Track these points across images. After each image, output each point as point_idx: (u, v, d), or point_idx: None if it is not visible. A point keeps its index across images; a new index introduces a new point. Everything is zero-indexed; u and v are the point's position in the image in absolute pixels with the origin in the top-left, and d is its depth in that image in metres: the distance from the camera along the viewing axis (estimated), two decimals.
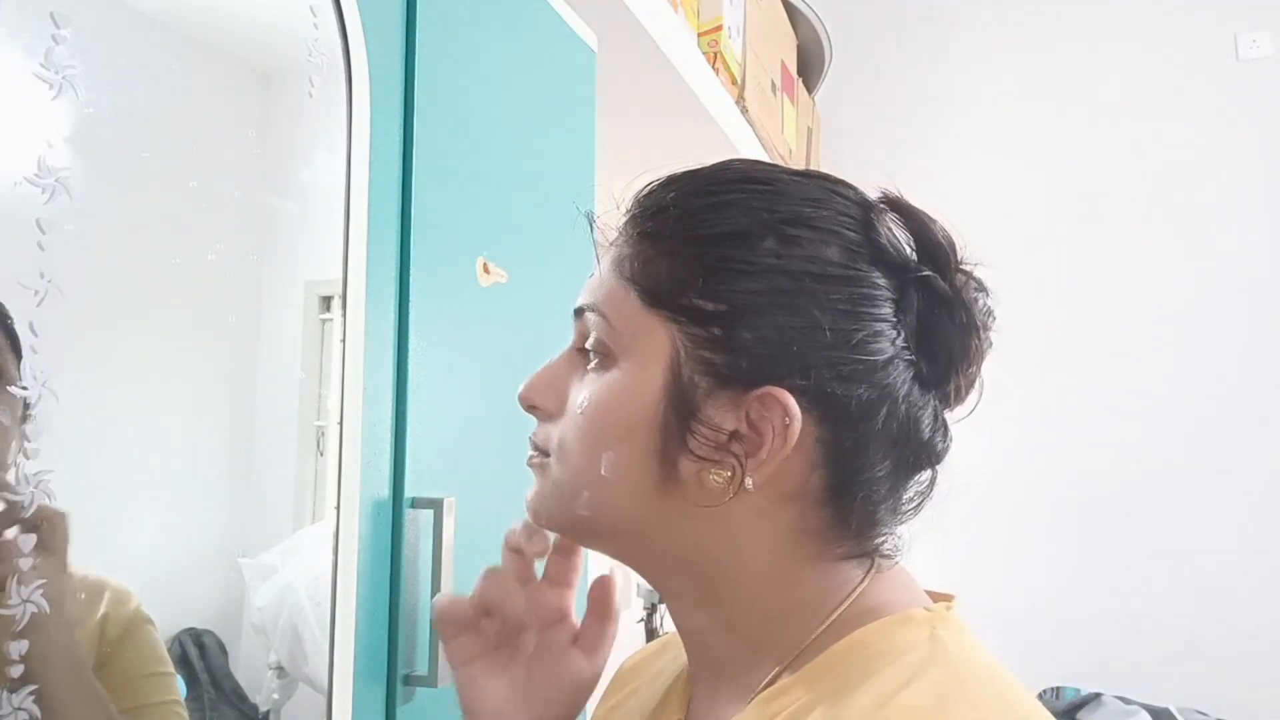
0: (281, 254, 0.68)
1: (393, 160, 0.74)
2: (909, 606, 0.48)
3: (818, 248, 0.46)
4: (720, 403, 0.46)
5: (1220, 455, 2.25)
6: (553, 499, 0.52)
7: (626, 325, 0.49)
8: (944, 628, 0.46)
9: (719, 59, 1.58)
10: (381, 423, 0.71)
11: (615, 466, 0.48)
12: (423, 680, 0.71)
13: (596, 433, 0.49)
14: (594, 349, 0.50)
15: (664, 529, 0.49)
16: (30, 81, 0.47)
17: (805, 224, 0.47)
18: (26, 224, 0.46)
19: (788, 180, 0.49)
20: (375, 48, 0.72)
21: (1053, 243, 2.44)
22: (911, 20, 2.70)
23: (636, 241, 0.50)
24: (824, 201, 0.48)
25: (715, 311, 0.46)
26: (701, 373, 0.46)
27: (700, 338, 0.46)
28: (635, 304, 0.48)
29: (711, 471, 0.46)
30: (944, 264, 0.49)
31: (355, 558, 0.67)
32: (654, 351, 0.47)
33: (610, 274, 0.50)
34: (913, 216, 0.50)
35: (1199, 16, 2.42)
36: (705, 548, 0.48)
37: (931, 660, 0.43)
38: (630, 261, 0.49)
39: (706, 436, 0.46)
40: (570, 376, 0.52)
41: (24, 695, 0.45)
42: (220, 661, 0.61)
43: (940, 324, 0.48)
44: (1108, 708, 2.11)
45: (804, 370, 0.45)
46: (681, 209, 0.49)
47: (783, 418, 0.45)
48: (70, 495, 0.47)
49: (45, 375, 0.46)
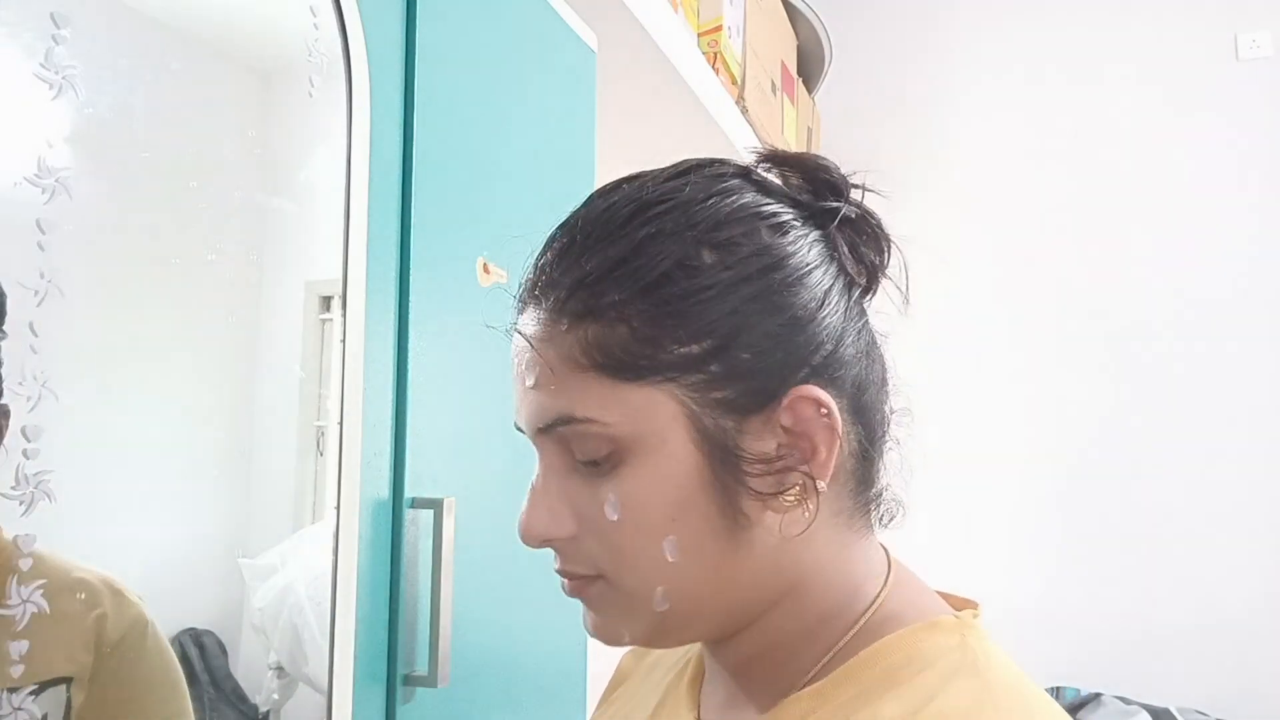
0: (281, 254, 0.68)
1: (393, 160, 0.74)
2: (933, 613, 0.47)
3: (752, 239, 0.45)
4: (755, 430, 0.44)
5: (1221, 455, 2.25)
6: (629, 613, 0.47)
7: (620, 415, 0.44)
8: (973, 635, 0.46)
9: (719, 59, 1.58)
10: (381, 423, 0.71)
11: (681, 548, 0.45)
12: (423, 680, 0.71)
13: (648, 529, 0.45)
14: (597, 459, 0.45)
15: (747, 580, 0.46)
16: (30, 81, 0.47)
17: (726, 223, 0.45)
18: (26, 224, 0.46)
19: (676, 187, 0.47)
20: (375, 48, 0.72)
21: (1053, 242, 2.43)
22: (911, 20, 2.70)
23: (575, 326, 0.45)
24: (722, 191, 0.47)
25: (704, 351, 0.44)
26: (723, 414, 0.44)
27: (703, 382, 0.44)
28: (611, 388, 0.44)
29: (780, 497, 0.45)
30: (838, 188, 0.49)
31: (355, 558, 0.67)
32: (665, 422, 0.44)
33: (558, 373, 0.45)
34: (792, 160, 0.50)
35: (1199, 16, 2.42)
36: (780, 573, 0.47)
37: (962, 668, 0.43)
38: (576, 348, 0.45)
39: (761, 469, 0.44)
40: (573, 493, 0.47)
41: (24, 695, 0.45)
42: (220, 661, 0.61)
43: (859, 241, 0.49)
44: (1108, 708, 2.11)
45: (804, 358, 0.45)
46: (604, 270, 0.45)
47: (818, 410, 0.44)
48: (70, 495, 0.47)
49: (45, 375, 0.46)
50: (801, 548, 0.46)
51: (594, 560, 0.47)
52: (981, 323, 2.41)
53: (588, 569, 0.47)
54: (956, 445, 2.28)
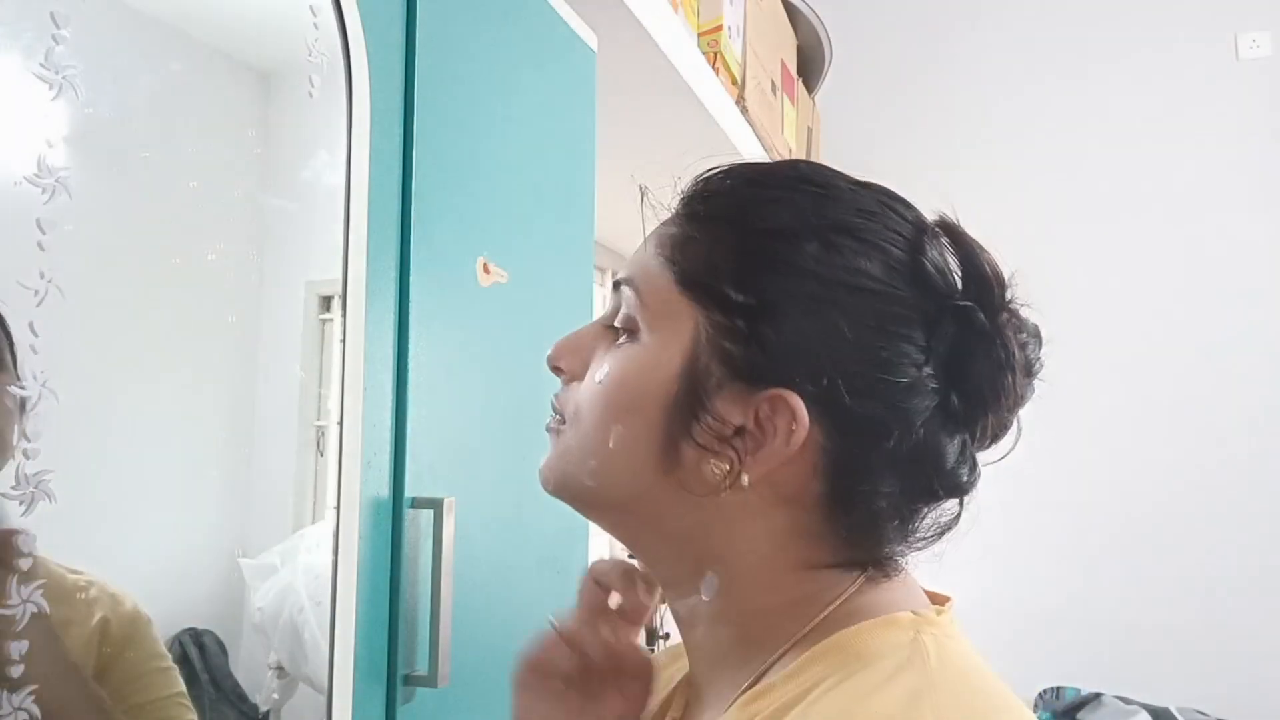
0: (281, 254, 0.68)
1: (393, 160, 0.74)
2: (897, 609, 0.47)
3: (858, 259, 0.46)
4: (731, 395, 0.46)
5: (1222, 455, 2.25)
6: (561, 464, 0.52)
7: (655, 302, 0.49)
8: (928, 632, 0.45)
9: (719, 59, 1.58)
10: (381, 423, 0.71)
11: (622, 439, 0.48)
12: (423, 680, 0.71)
13: (609, 403, 0.49)
14: (623, 325, 0.50)
15: (661, 511, 0.49)
16: (30, 81, 0.47)
17: (852, 234, 0.46)
18: (26, 224, 0.46)
19: (846, 188, 0.49)
20: (375, 48, 0.72)
21: (1053, 242, 2.43)
22: (911, 20, 2.70)
23: (684, 222, 0.50)
24: (876, 215, 0.48)
25: (743, 303, 0.46)
26: (718, 362, 0.46)
27: (724, 327, 0.46)
28: (669, 282, 0.48)
29: (711, 461, 0.46)
30: (987, 297, 0.48)
31: (355, 558, 0.67)
32: (677, 332, 0.47)
33: (652, 250, 0.50)
34: (963, 244, 0.49)
35: (1199, 16, 2.42)
36: (698, 536, 0.48)
37: (907, 665, 0.43)
38: (673, 240, 0.49)
39: (711, 427, 0.46)
40: (596, 346, 0.52)
41: (24, 695, 0.45)
42: (220, 661, 0.61)
43: (974, 358, 0.46)
44: (1108, 708, 2.11)
45: (819, 378, 0.45)
46: (733, 197, 0.49)
47: (789, 421, 0.45)
48: (70, 495, 0.47)
49: (45, 375, 0.46)
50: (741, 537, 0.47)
51: (570, 406, 0.52)
52: None
53: (565, 410, 0.52)
54: None
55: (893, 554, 0.49)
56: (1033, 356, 0.50)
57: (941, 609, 0.48)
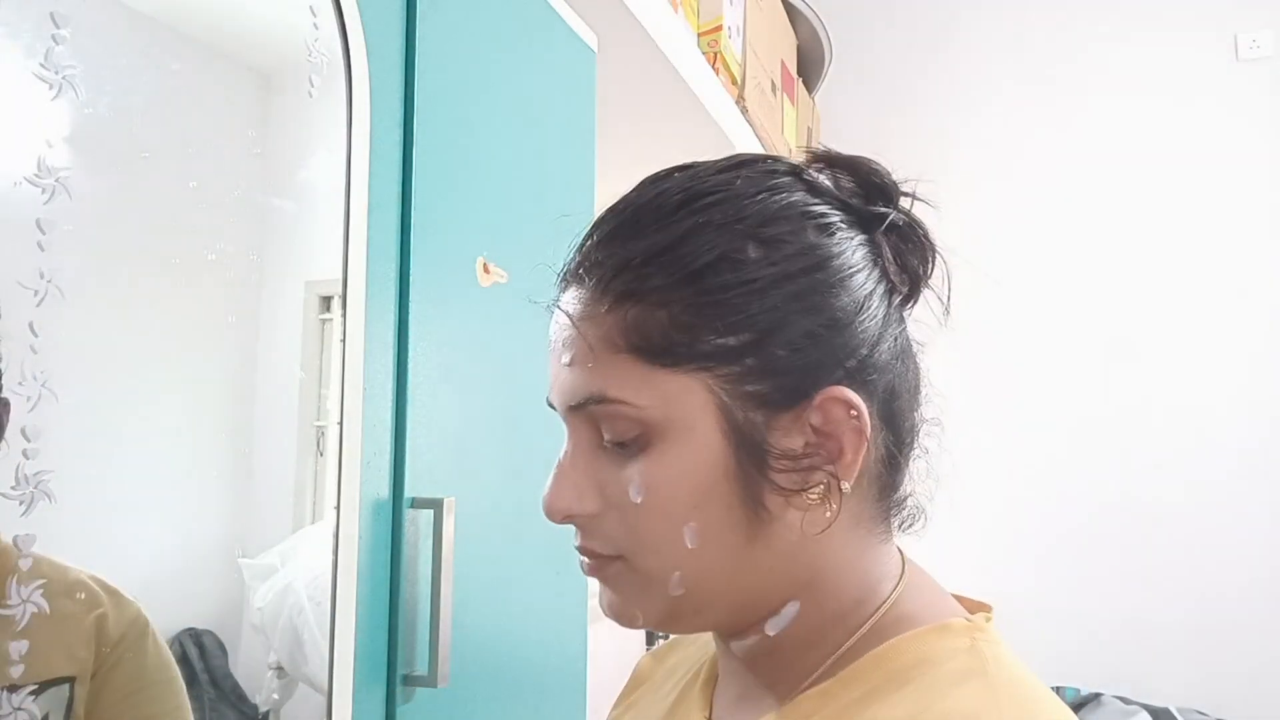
0: (281, 254, 0.68)
1: (393, 160, 0.74)
2: (945, 615, 0.47)
3: (799, 238, 0.46)
4: (784, 427, 0.45)
5: (1221, 455, 2.25)
6: (644, 595, 0.48)
7: (651, 399, 0.44)
8: (983, 639, 0.46)
9: (719, 59, 1.58)
10: (381, 423, 0.71)
11: (701, 535, 0.45)
12: (423, 680, 0.71)
13: (669, 513, 0.45)
14: (620, 439, 0.46)
15: (760, 574, 0.47)
16: (30, 81, 0.47)
17: (774, 219, 0.46)
18: (26, 224, 0.46)
19: (726, 180, 0.47)
20: (375, 48, 0.72)
21: (1053, 242, 2.43)
22: (911, 20, 2.70)
23: (616, 307, 0.45)
24: (773, 188, 0.47)
25: (740, 344, 0.44)
26: (754, 407, 0.44)
27: (736, 374, 0.44)
28: (646, 372, 0.44)
29: (804, 494, 0.45)
30: (889, 194, 0.49)
31: (355, 558, 0.67)
32: (695, 410, 0.44)
33: (601, 351, 0.45)
34: (844, 163, 0.49)
35: (1199, 16, 2.42)
36: (794, 574, 0.47)
37: (970, 672, 0.43)
38: (621, 330, 0.45)
39: (786, 465, 0.45)
40: (599, 472, 0.47)
41: (24, 695, 0.45)
42: (220, 661, 0.61)
43: (906, 249, 0.49)
44: (1108, 708, 2.11)
45: (840, 359, 0.45)
46: (649, 255, 0.45)
47: (849, 412, 0.44)
48: (70, 495, 0.47)
49: (45, 375, 0.46)
50: (818, 547, 0.46)
51: (614, 540, 0.47)
52: (978, 321, 2.41)
53: (607, 549, 0.48)
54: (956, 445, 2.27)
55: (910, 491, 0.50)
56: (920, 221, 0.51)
57: (989, 615, 0.49)
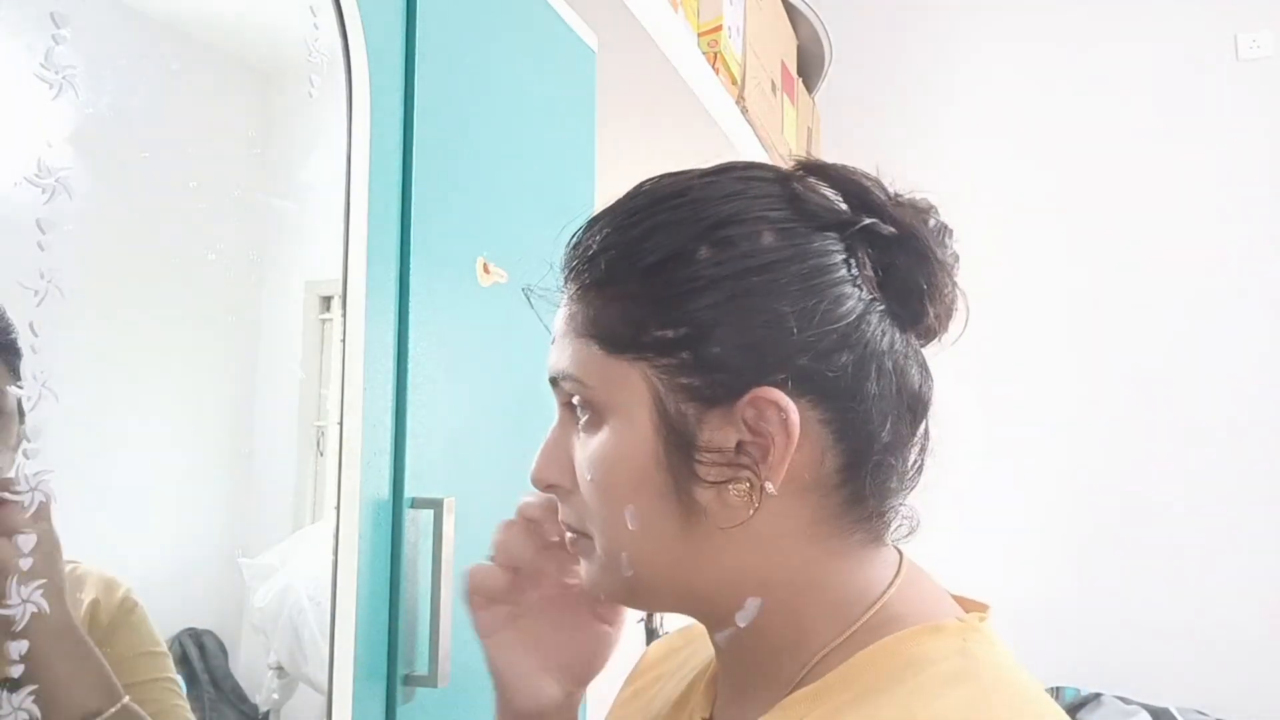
0: (281, 254, 0.68)
1: (393, 160, 0.74)
2: (938, 615, 0.47)
3: (751, 241, 0.46)
4: (715, 422, 0.46)
5: (1222, 456, 2.25)
6: (604, 572, 0.51)
7: (599, 381, 0.48)
8: (976, 640, 0.46)
9: (719, 59, 1.58)
10: (381, 423, 0.71)
11: (640, 519, 0.48)
12: (423, 680, 0.71)
13: (610, 493, 0.48)
14: (580, 416, 0.50)
15: (703, 564, 0.48)
16: (30, 81, 0.47)
17: (731, 222, 0.46)
18: (26, 224, 0.46)
19: (701, 184, 0.49)
20: (375, 48, 0.72)
21: (1053, 243, 2.44)
22: (911, 20, 2.70)
23: (581, 295, 0.49)
24: (741, 193, 0.48)
25: (678, 337, 0.46)
26: (686, 400, 0.46)
27: (673, 366, 0.46)
28: (600, 357, 0.48)
29: (730, 489, 0.46)
30: (878, 205, 0.48)
31: (355, 558, 0.67)
32: (634, 397, 0.47)
33: (567, 334, 0.50)
34: (832, 172, 0.49)
35: (1199, 16, 2.42)
36: (742, 568, 0.48)
37: (962, 674, 0.43)
38: (582, 317, 0.49)
39: (713, 459, 0.46)
40: (570, 449, 0.51)
41: (24, 695, 0.45)
42: (220, 661, 0.61)
43: (897, 262, 0.47)
44: (1108, 708, 2.11)
45: (781, 362, 0.45)
46: (611, 248, 0.49)
47: (778, 414, 0.45)
48: (70, 495, 0.47)
49: (45, 375, 0.46)
50: (773, 546, 0.47)
51: (580, 515, 0.51)
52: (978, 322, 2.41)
53: (578, 524, 0.52)
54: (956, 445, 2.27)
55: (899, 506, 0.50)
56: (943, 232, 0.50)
57: (984, 615, 0.49)
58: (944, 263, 0.49)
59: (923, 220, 0.49)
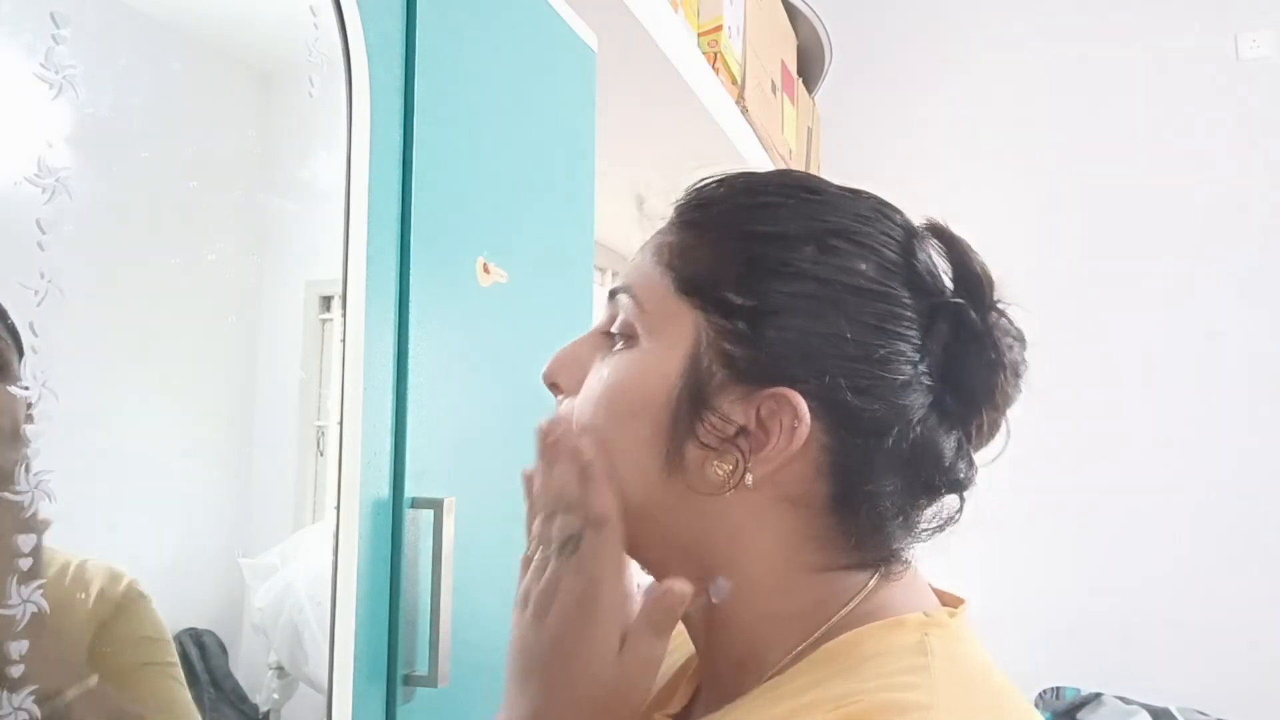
0: (281, 254, 0.68)
1: (393, 160, 0.74)
2: (908, 610, 0.47)
3: (854, 260, 0.47)
4: (734, 396, 0.47)
5: (1222, 456, 2.25)
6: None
7: (656, 308, 0.49)
8: (938, 634, 0.45)
9: (719, 59, 1.58)
10: (381, 423, 0.71)
11: (629, 439, 0.49)
12: (423, 680, 0.71)
13: (612, 409, 0.49)
14: (621, 331, 0.51)
15: (666, 514, 0.49)
16: (30, 81, 0.47)
17: (847, 237, 0.48)
18: (26, 224, 0.46)
19: (839, 195, 0.50)
20: (375, 48, 0.72)
21: (1052, 243, 2.44)
22: (911, 20, 2.70)
23: (680, 230, 0.51)
24: (870, 219, 0.49)
25: (744, 306, 0.47)
26: (720, 364, 0.47)
27: (725, 330, 0.47)
28: (668, 289, 0.49)
29: (715, 462, 0.47)
30: (978, 297, 0.49)
31: (355, 558, 0.67)
32: (679, 336, 0.48)
33: (649, 258, 0.51)
34: (954, 245, 0.50)
35: (1199, 16, 2.42)
36: (707, 541, 0.48)
37: (912, 667, 0.43)
38: (671, 248, 0.50)
39: (715, 426, 0.47)
40: (592, 357, 0.52)
41: (24, 695, 0.45)
42: (220, 661, 0.61)
43: (966, 357, 0.48)
44: (1108, 708, 2.11)
45: (820, 376, 0.46)
46: (730, 204, 0.50)
47: (792, 418, 0.45)
48: (70, 495, 0.47)
49: (45, 375, 0.46)
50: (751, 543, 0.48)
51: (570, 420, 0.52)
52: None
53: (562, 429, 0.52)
54: None
55: (899, 550, 0.49)
56: (1019, 358, 0.51)
57: (954, 611, 0.49)
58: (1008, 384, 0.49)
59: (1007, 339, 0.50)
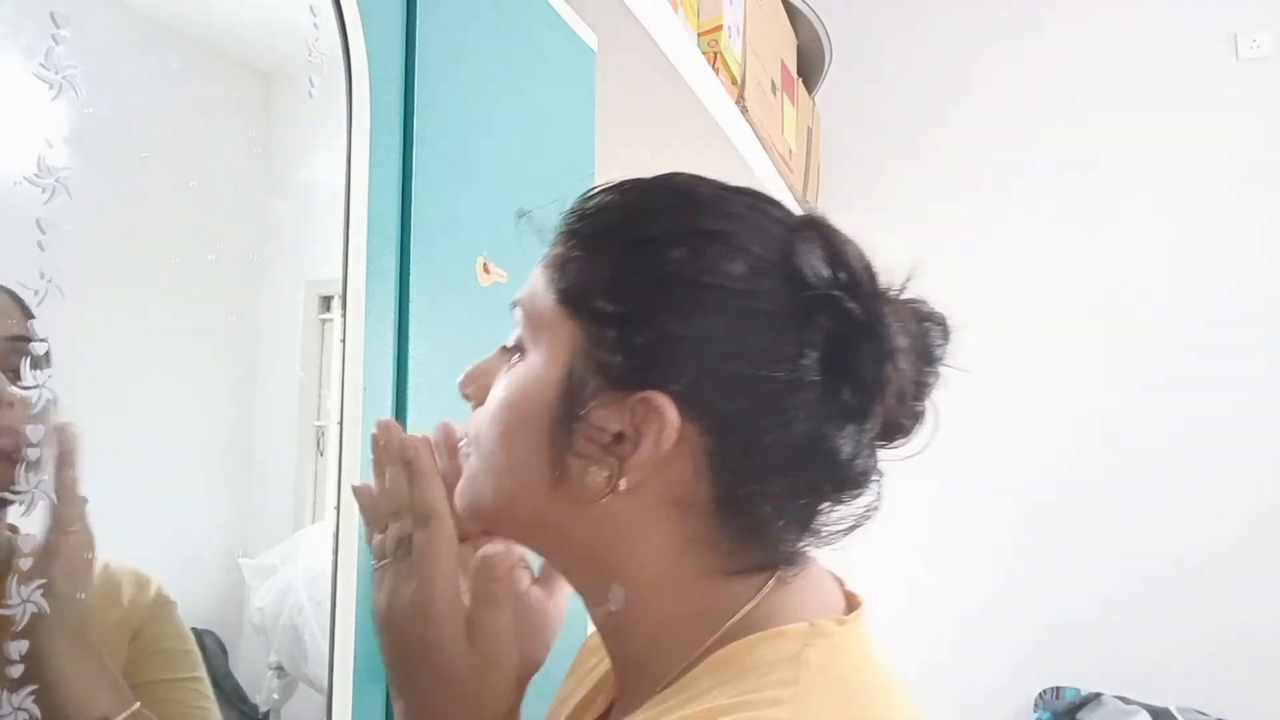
0: (281, 254, 0.68)
1: (393, 160, 0.74)
2: (797, 619, 0.46)
3: (724, 262, 0.46)
4: (608, 404, 0.47)
5: (1222, 456, 2.25)
6: (469, 488, 0.53)
7: (539, 320, 0.50)
8: (819, 644, 0.44)
9: (719, 59, 1.58)
10: None
11: (514, 457, 0.49)
12: None
13: (500, 423, 0.50)
14: (515, 345, 0.52)
15: (561, 525, 0.49)
16: (30, 81, 0.47)
17: (718, 238, 0.47)
18: (26, 224, 0.46)
19: (714, 196, 0.50)
20: (375, 48, 0.72)
21: (1050, 242, 2.43)
22: (911, 20, 2.70)
23: (564, 240, 0.51)
24: (743, 218, 0.48)
25: (614, 313, 0.47)
26: (594, 372, 0.47)
27: (599, 338, 0.47)
28: (551, 300, 0.50)
29: (593, 469, 0.47)
30: (856, 287, 0.47)
31: (355, 558, 0.67)
32: (558, 347, 0.49)
33: (540, 271, 0.52)
34: (829, 239, 0.48)
35: (1199, 16, 2.42)
36: (599, 550, 0.49)
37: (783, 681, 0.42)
38: (555, 259, 0.51)
39: (590, 435, 0.47)
40: (498, 370, 0.53)
41: (24, 695, 0.45)
42: (220, 661, 0.61)
43: (852, 348, 0.46)
44: (1108, 708, 2.11)
45: (688, 378, 0.45)
46: (608, 214, 0.51)
47: (657, 421, 0.45)
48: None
49: (45, 375, 0.46)
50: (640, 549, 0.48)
51: (473, 430, 0.53)
52: (976, 323, 2.41)
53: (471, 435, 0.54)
54: (955, 445, 2.27)
55: (795, 553, 0.48)
56: (933, 343, 0.50)
57: (844, 619, 0.47)
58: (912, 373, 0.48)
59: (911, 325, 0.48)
